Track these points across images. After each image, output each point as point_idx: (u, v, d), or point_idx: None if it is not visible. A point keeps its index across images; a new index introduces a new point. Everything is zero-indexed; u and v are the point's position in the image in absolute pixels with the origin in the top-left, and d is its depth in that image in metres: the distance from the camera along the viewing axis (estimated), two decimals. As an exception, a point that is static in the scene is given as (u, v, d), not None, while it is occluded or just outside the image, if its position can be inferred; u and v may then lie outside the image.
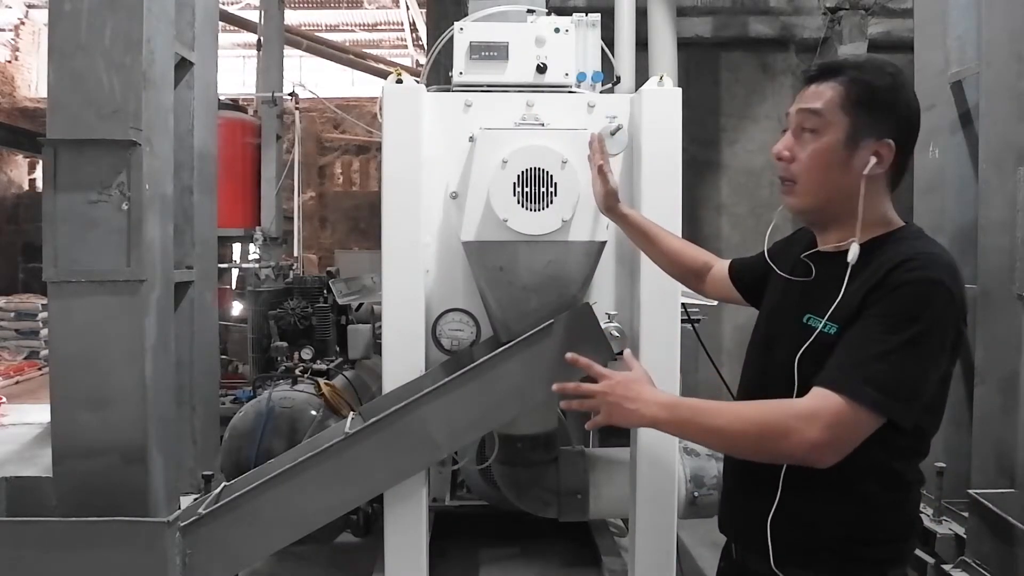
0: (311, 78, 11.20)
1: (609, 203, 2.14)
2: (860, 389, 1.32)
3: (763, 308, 1.71)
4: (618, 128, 2.31)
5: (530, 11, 2.71)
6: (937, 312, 1.35)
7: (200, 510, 2.34)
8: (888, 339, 1.33)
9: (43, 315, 10.16)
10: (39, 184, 12.69)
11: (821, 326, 1.43)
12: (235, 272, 7.69)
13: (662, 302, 2.45)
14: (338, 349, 4.72)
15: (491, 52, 2.56)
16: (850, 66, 1.49)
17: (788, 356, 1.48)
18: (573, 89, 2.60)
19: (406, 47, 14.20)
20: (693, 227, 5.77)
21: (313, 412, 3.57)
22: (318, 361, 4.42)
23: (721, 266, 1.99)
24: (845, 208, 1.48)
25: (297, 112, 7.94)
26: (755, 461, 1.48)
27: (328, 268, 5.67)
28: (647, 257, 2.20)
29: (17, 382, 9.11)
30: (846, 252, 1.44)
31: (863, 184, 1.45)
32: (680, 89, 2.48)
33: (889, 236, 1.48)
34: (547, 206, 2.26)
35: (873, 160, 1.45)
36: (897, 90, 1.47)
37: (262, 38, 7.64)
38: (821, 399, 1.35)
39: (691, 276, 2.07)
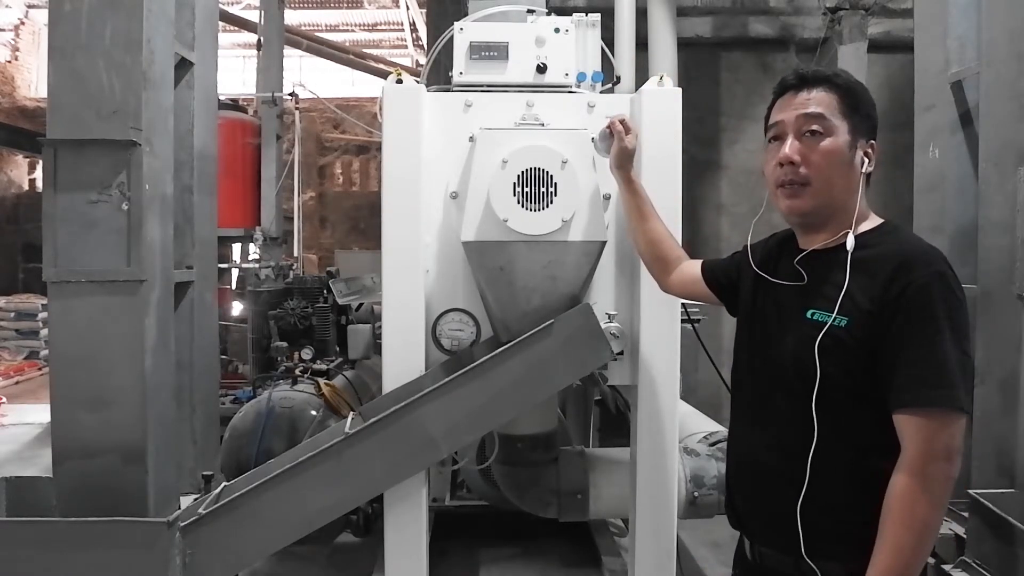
0: (311, 78, 11.20)
1: (621, 162, 2.22)
2: (943, 398, 1.41)
3: (746, 309, 1.76)
4: (618, 128, 2.31)
5: (530, 11, 2.71)
6: (958, 298, 1.47)
7: (200, 510, 2.34)
8: (937, 342, 1.42)
9: (43, 315, 10.16)
10: (39, 184, 12.68)
11: (832, 320, 1.50)
12: (235, 272, 7.68)
13: (662, 302, 2.45)
14: (338, 349, 4.72)
15: (491, 52, 2.56)
16: (832, 75, 1.61)
17: (798, 349, 1.54)
18: (573, 89, 2.60)
19: (406, 47, 14.22)
20: (693, 227, 5.76)
21: (313, 412, 3.57)
22: (318, 361, 4.42)
23: (691, 266, 2.06)
24: (843, 206, 1.58)
25: (297, 112, 7.94)
26: (784, 459, 1.55)
27: (328, 268, 5.65)
28: (626, 229, 2.27)
29: (17, 382, 9.12)
30: (837, 248, 1.55)
31: (862, 181, 1.57)
32: (680, 89, 2.48)
33: (876, 231, 1.58)
34: (547, 206, 2.26)
35: (866, 159, 1.57)
36: (869, 96, 1.62)
37: (262, 38, 7.64)
38: (915, 434, 1.41)
39: (662, 264, 2.13)
